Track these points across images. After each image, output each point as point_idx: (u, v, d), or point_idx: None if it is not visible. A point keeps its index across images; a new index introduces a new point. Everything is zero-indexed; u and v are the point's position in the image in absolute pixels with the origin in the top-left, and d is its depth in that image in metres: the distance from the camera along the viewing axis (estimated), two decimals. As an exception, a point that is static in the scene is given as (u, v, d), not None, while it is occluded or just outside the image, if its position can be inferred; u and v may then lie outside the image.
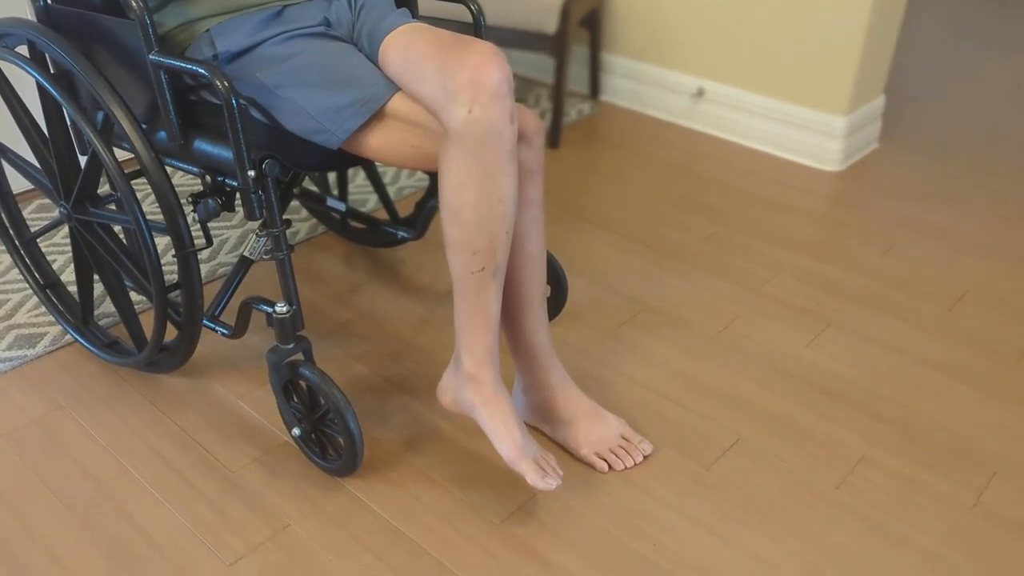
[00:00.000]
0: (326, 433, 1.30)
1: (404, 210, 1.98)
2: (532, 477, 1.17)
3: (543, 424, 1.40)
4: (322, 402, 1.27)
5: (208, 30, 1.20)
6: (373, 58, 1.21)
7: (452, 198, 1.11)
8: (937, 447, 1.40)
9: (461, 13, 2.27)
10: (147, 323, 1.62)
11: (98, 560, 1.20)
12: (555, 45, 2.33)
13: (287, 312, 1.23)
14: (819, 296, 1.78)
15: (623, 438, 1.37)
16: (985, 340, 1.65)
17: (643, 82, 2.61)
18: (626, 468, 1.34)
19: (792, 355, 1.60)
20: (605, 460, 1.34)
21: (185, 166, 1.31)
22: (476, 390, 1.22)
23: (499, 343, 1.22)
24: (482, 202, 1.10)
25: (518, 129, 1.14)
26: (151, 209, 2.06)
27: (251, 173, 1.15)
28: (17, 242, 1.63)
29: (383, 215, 2.03)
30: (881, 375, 1.56)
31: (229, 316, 1.39)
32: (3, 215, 1.61)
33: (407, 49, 1.14)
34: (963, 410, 1.48)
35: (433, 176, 1.71)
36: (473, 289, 1.16)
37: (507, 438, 1.19)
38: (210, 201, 1.24)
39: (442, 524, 1.26)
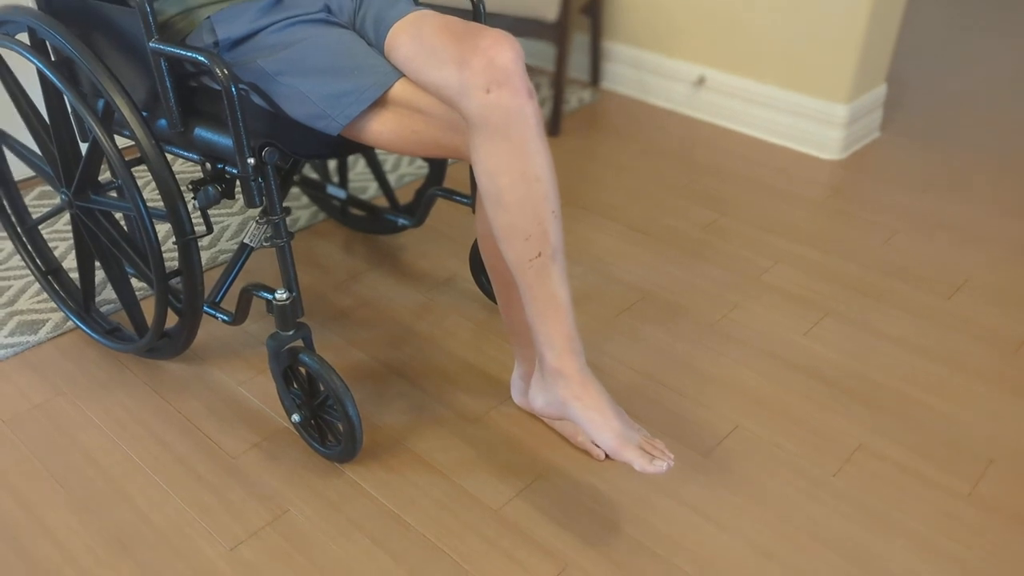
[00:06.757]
0: (325, 419, 1.31)
1: (404, 198, 1.99)
2: (639, 463, 1.11)
3: (541, 411, 1.40)
4: (321, 388, 1.27)
5: (209, 17, 1.20)
6: (379, 45, 1.21)
7: (489, 185, 1.09)
8: (934, 436, 1.41)
9: (461, 0, 2.25)
10: (148, 310, 1.63)
11: (99, 544, 1.21)
12: (556, 32, 2.33)
13: (287, 299, 1.23)
14: (818, 285, 1.78)
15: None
16: (983, 329, 1.66)
17: (644, 70, 2.61)
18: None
19: (790, 343, 1.61)
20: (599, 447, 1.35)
21: (185, 153, 1.31)
22: (565, 385, 1.15)
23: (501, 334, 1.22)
24: (519, 183, 1.08)
25: None
26: (151, 196, 2.06)
27: (251, 161, 1.16)
28: (19, 229, 1.63)
29: (383, 202, 2.03)
30: (879, 364, 1.56)
31: (229, 303, 1.40)
32: (5, 202, 1.61)
33: (419, 36, 1.14)
34: (960, 399, 1.49)
35: (433, 163, 1.71)
36: (536, 278, 1.12)
37: (605, 428, 1.13)
38: (210, 188, 1.25)
39: (440, 510, 1.27)
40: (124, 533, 1.23)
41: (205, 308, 1.37)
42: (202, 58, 1.11)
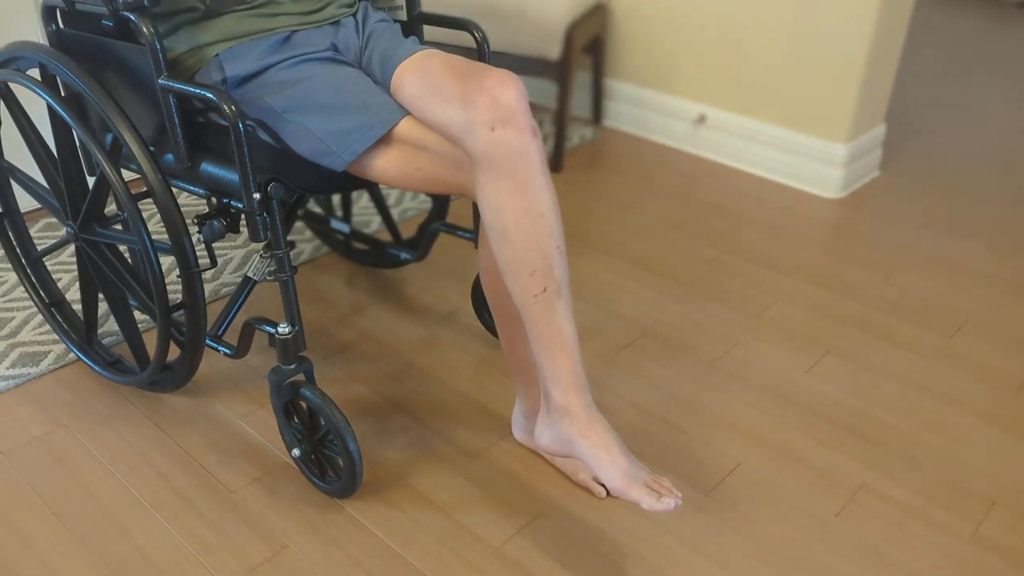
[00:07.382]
0: (326, 454, 1.31)
1: (407, 232, 2.00)
2: (647, 502, 1.08)
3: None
4: (322, 423, 1.27)
5: (217, 55, 1.22)
6: (385, 83, 1.23)
7: (495, 222, 1.10)
8: (937, 476, 1.40)
9: (465, 39, 2.29)
10: (150, 342, 1.63)
11: (97, 579, 1.20)
12: (558, 71, 2.35)
13: (289, 333, 1.24)
14: (819, 323, 1.78)
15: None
16: (985, 369, 1.66)
17: (645, 108, 2.64)
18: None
19: (792, 381, 1.61)
20: (603, 485, 1.34)
21: (191, 188, 1.32)
22: (571, 422, 1.14)
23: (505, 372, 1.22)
24: (523, 219, 1.09)
25: None
26: (157, 229, 2.07)
27: (256, 196, 1.17)
28: (24, 260, 1.64)
29: (386, 237, 2.04)
30: (881, 403, 1.56)
31: (232, 336, 1.40)
32: (11, 233, 1.62)
33: (424, 75, 1.15)
34: (963, 439, 1.48)
35: (436, 198, 1.72)
36: (541, 314, 1.12)
37: (612, 466, 1.11)
38: (215, 222, 1.26)
39: (440, 547, 1.26)
40: (122, 567, 1.22)
41: (207, 341, 1.37)
42: (210, 95, 1.12)
